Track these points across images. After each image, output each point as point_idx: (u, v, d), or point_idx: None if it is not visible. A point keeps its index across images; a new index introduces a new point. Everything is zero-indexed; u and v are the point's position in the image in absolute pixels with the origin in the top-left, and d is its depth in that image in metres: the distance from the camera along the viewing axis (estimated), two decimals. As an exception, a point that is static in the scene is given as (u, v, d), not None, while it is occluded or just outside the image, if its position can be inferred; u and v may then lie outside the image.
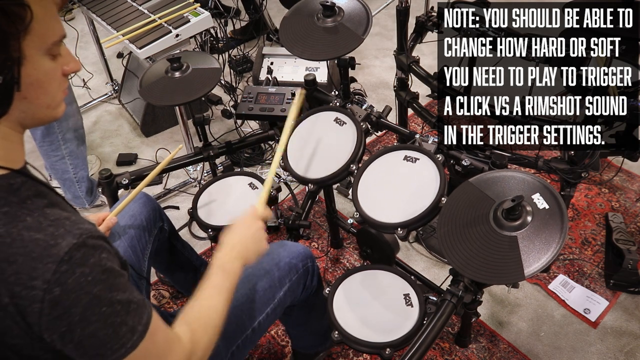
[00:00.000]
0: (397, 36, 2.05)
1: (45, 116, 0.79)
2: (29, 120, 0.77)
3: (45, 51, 0.74)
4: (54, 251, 0.68)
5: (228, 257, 1.03)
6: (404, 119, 2.20)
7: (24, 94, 0.72)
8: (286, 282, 1.26)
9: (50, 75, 0.76)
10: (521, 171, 1.18)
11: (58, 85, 0.78)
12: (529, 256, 1.02)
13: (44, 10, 0.72)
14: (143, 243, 1.40)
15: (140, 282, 1.33)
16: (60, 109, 0.80)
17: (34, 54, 0.72)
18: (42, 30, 0.72)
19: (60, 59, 0.77)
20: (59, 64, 0.77)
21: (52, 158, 2.14)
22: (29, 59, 0.71)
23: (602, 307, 1.79)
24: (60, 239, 0.69)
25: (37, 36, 0.71)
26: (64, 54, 0.79)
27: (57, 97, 0.79)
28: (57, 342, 0.70)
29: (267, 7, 3.09)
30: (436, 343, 1.72)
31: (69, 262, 0.68)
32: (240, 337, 1.18)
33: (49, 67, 0.75)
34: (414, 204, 1.25)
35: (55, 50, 0.76)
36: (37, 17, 0.70)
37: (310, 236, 2.11)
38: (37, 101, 0.75)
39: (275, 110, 1.74)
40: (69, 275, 0.68)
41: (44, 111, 0.78)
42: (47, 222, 0.70)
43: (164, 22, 2.09)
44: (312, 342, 1.58)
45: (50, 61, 0.75)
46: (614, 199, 2.18)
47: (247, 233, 1.08)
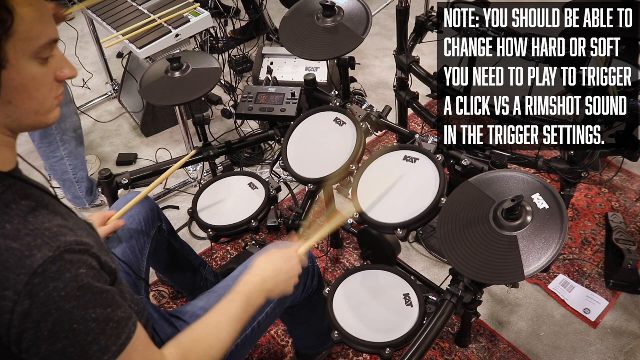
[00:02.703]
0: (397, 36, 2.05)
1: (34, 122, 0.76)
2: (17, 125, 0.74)
3: (32, 55, 0.70)
4: (27, 262, 0.66)
5: (257, 289, 0.99)
6: (404, 119, 2.20)
7: (8, 98, 0.69)
8: None
9: (37, 81, 0.72)
10: (521, 171, 1.18)
11: (48, 91, 0.75)
12: (529, 256, 1.02)
13: (32, 12, 0.69)
14: (141, 243, 1.40)
15: (139, 283, 1.33)
16: (52, 115, 0.77)
17: (19, 57, 0.69)
18: (27, 32, 0.68)
19: (52, 63, 0.74)
20: (51, 69, 0.74)
21: (51, 159, 2.13)
22: (12, 63, 0.68)
23: (602, 307, 1.79)
24: (35, 251, 0.66)
25: (21, 39, 0.68)
26: (58, 59, 0.75)
27: (46, 103, 0.75)
28: (24, 354, 0.68)
29: (267, 7, 3.09)
30: (436, 343, 1.72)
31: (43, 275, 0.66)
32: (239, 337, 1.17)
33: (36, 72, 0.71)
34: (414, 204, 1.25)
35: (45, 54, 0.72)
36: (23, 19, 0.67)
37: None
38: (23, 106, 0.72)
39: (275, 110, 1.74)
40: (41, 289, 0.66)
41: (32, 117, 0.74)
42: (25, 231, 0.68)
43: (164, 22, 2.09)
44: (314, 342, 1.58)
45: (38, 66, 0.72)
46: (614, 199, 2.18)
47: (282, 269, 1.04)
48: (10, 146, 0.76)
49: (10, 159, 0.76)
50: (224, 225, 1.44)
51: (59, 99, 0.78)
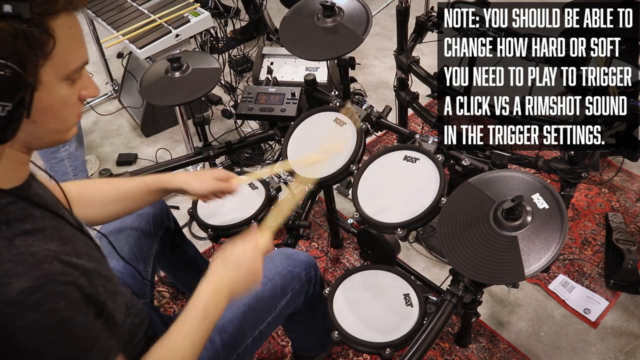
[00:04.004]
0: (397, 36, 2.05)
1: (53, 140, 0.75)
2: (37, 143, 0.74)
3: (64, 77, 0.70)
4: (4, 290, 0.63)
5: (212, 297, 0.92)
6: (404, 119, 2.20)
7: (34, 118, 0.69)
8: (288, 291, 1.24)
9: (65, 101, 0.72)
10: (521, 171, 1.18)
11: (72, 110, 0.74)
12: (529, 256, 1.02)
13: (71, 36, 0.69)
14: (149, 243, 1.39)
15: (144, 285, 1.32)
16: (70, 132, 0.76)
17: (52, 80, 0.68)
18: (64, 56, 0.68)
19: (79, 83, 0.74)
20: (77, 88, 0.74)
21: (51, 160, 2.13)
22: (45, 85, 0.68)
23: (602, 307, 1.79)
24: (14, 278, 0.64)
25: (57, 63, 0.68)
26: (84, 78, 0.75)
27: (69, 122, 0.75)
28: None
29: (267, 7, 3.09)
30: (436, 343, 1.72)
31: (19, 305, 0.63)
32: (240, 345, 1.16)
33: (65, 93, 0.71)
34: (414, 204, 1.25)
35: (76, 75, 0.72)
36: (61, 44, 0.67)
37: (310, 236, 2.11)
38: (47, 125, 0.72)
39: (275, 110, 1.74)
40: (16, 318, 0.63)
41: (53, 135, 0.74)
42: (8, 256, 0.65)
43: (164, 22, 2.09)
44: (313, 345, 1.58)
45: (67, 87, 0.71)
46: (614, 199, 2.18)
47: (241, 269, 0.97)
48: (23, 162, 0.76)
49: (19, 175, 0.75)
50: (224, 225, 1.44)
51: (78, 117, 0.77)
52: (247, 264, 0.97)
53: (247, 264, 0.97)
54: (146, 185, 1.19)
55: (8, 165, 0.73)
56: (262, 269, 1.00)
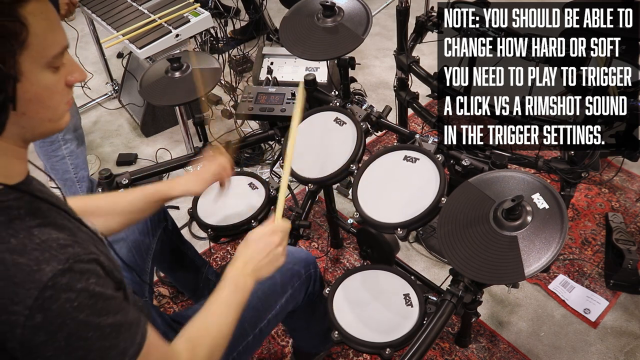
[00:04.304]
0: (397, 36, 2.05)
1: (47, 129, 0.75)
2: (30, 135, 0.73)
3: (45, 65, 0.69)
4: (37, 277, 0.65)
5: (240, 272, 1.00)
6: (404, 119, 2.20)
7: (22, 110, 0.68)
8: (288, 289, 1.25)
9: (51, 89, 0.71)
10: (521, 171, 1.18)
11: (60, 98, 0.74)
12: (529, 256, 1.02)
13: (44, 22, 0.68)
14: (147, 243, 1.39)
15: (143, 285, 1.32)
16: (63, 120, 0.76)
17: (33, 68, 0.67)
18: (41, 43, 0.67)
19: (63, 69, 0.73)
20: (62, 75, 0.73)
21: (52, 159, 2.13)
22: (27, 75, 0.67)
23: (602, 307, 1.79)
24: (44, 264, 0.66)
25: (35, 51, 0.67)
26: (68, 64, 0.74)
27: (59, 110, 0.74)
28: None
29: (267, 7, 3.09)
30: (436, 343, 1.72)
31: (53, 288, 0.65)
32: (241, 343, 1.17)
33: (49, 81, 0.70)
34: (414, 204, 1.25)
35: (57, 62, 0.71)
36: (35, 31, 0.66)
37: (310, 236, 2.11)
38: (37, 116, 0.71)
39: (275, 110, 1.74)
40: (53, 302, 0.65)
41: (45, 125, 0.74)
42: (32, 245, 0.67)
43: (164, 22, 2.09)
44: (313, 343, 1.58)
45: (51, 74, 0.71)
46: (614, 199, 2.18)
47: (262, 248, 1.04)
48: (21, 157, 0.75)
49: (20, 171, 0.75)
50: (224, 225, 1.44)
51: (69, 104, 0.77)
52: (265, 244, 1.04)
53: (265, 244, 1.04)
54: (145, 198, 1.21)
55: (7, 162, 0.73)
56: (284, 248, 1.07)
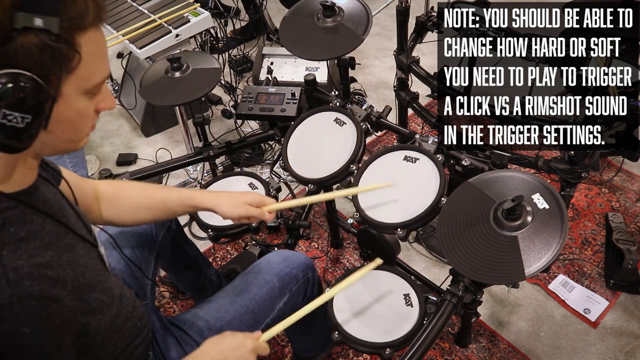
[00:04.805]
0: (397, 36, 2.05)
1: (65, 148, 0.75)
2: (48, 151, 0.74)
3: (84, 92, 0.70)
4: None
5: None
6: (404, 119, 2.20)
7: (50, 128, 0.68)
8: (286, 293, 1.24)
9: (82, 114, 0.72)
10: (521, 171, 1.18)
11: (87, 122, 0.74)
12: (529, 256, 1.02)
13: (96, 52, 0.69)
14: (150, 243, 1.39)
15: (146, 284, 1.32)
16: (82, 142, 0.76)
17: (72, 93, 0.68)
18: (86, 72, 0.68)
19: (97, 96, 0.74)
20: (95, 101, 0.74)
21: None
22: (65, 98, 0.68)
23: (602, 307, 1.79)
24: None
25: (80, 77, 0.68)
26: (103, 92, 0.75)
27: (83, 133, 0.75)
28: None
29: (267, 7, 3.08)
30: (436, 343, 1.72)
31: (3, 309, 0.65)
32: None
33: (83, 106, 0.71)
34: (414, 204, 1.25)
35: (96, 90, 0.72)
36: (85, 59, 0.67)
37: (310, 236, 2.11)
38: (62, 135, 0.71)
39: (275, 110, 1.74)
40: None
41: (65, 145, 0.74)
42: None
43: (164, 22, 2.10)
44: (313, 347, 1.57)
45: (86, 100, 0.71)
46: (614, 199, 2.18)
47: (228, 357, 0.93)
48: (31, 167, 0.76)
49: (25, 180, 0.75)
50: (224, 225, 1.44)
51: (93, 128, 0.77)
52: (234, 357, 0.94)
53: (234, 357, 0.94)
54: (179, 200, 1.17)
55: (14, 170, 0.73)
56: None
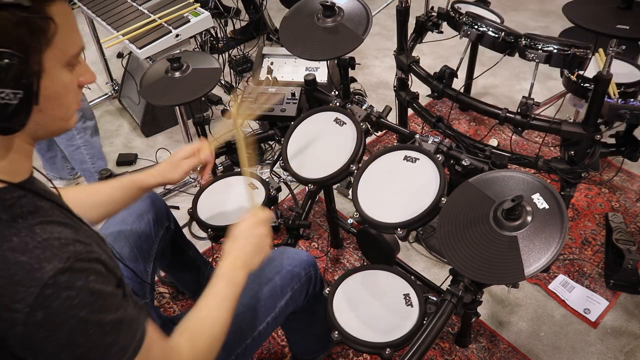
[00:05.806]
0: (397, 36, 2.05)
1: (57, 128, 0.78)
2: (42, 132, 0.76)
3: (64, 64, 0.73)
4: (38, 275, 0.66)
5: (232, 267, 1.02)
6: (404, 119, 2.20)
7: (41, 106, 0.71)
8: (288, 291, 1.24)
9: (67, 87, 0.75)
10: (521, 171, 1.18)
11: (73, 97, 0.77)
12: (529, 256, 1.02)
13: (66, 22, 0.71)
14: (149, 243, 1.39)
15: (144, 287, 1.32)
16: (72, 120, 0.79)
17: (54, 66, 0.71)
18: (63, 42, 0.71)
19: (77, 70, 0.76)
20: (76, 75, 0.76)
21: (69, 148, 2.20)
22: (49, 72, 0.70)
23: (602, 307, 1.79)
24: (45, 263, 0.67)
25: (58, 49, 0.70)
26: (82, 65, 0.77)
27: (70, 109, 0.78)
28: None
29: (267, 7, 3.09)
30: (436, 343, 1.72)
31: (54, 286, 0.67)
32: (240, 346, 1.16)
33: (67, 80, 0.74)
34: (414, 204, 1.25)
35: (75, 61, 0.75)
36: (59, 30, 0.69)
37: (310, 236, 2.11)
38: (52, 113, 0.74)
39: (275, 110, 1.74)
40: (53, 299, 0.67)
41: (57, 123, 0.77)
42: (34, 244, 0.68)
43: (164, 22, 2.09)
44: (313, 346, 1.57)
45: (68, 73, 0.74)
46: (614, 199, 2.18)
47: (249, 241, 1.07)
48: (27, 154, 0.77)
49: (25, 168, 0.77)
50: (224, 225, 1.44)
51: (78, 105, 0.80)
52: (253, 235, 1.07)
53: (253, 235, 1.07)
54: (123, 188, 1.22)
55: (15, 158, 0.74)
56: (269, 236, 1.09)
